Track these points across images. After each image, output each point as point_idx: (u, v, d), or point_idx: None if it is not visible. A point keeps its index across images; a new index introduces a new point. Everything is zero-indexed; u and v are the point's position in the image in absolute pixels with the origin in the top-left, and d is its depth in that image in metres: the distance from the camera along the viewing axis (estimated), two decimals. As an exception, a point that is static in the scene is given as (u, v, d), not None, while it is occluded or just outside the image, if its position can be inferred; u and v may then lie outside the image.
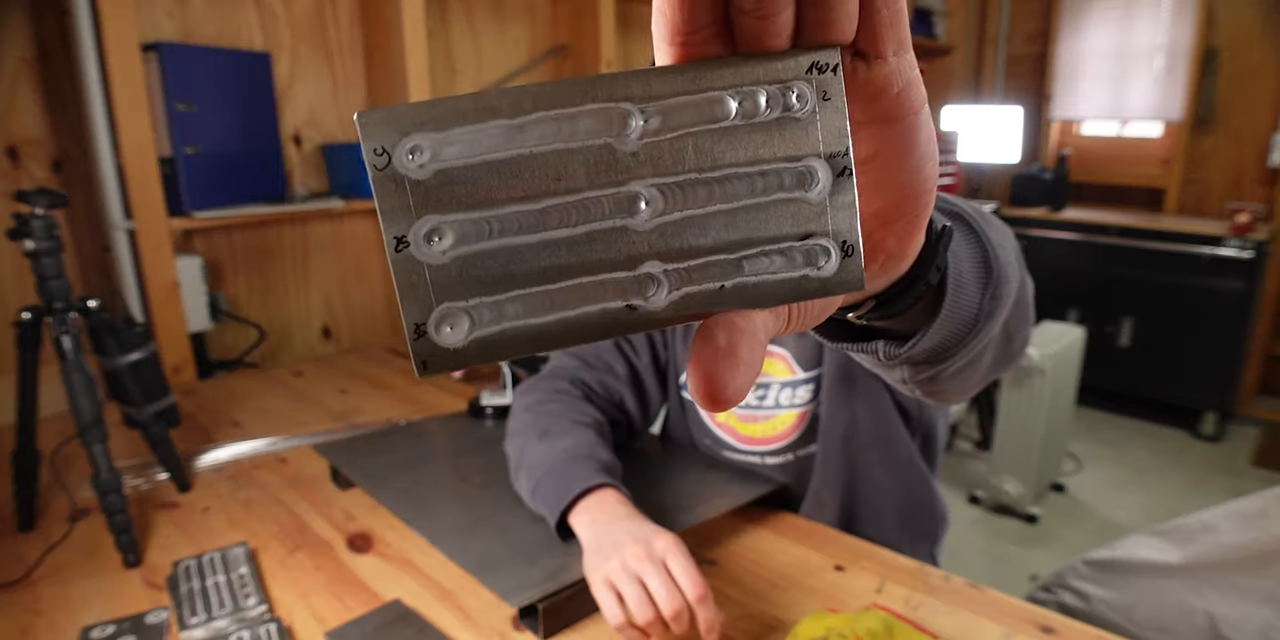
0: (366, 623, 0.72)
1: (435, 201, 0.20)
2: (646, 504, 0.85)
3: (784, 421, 0.91)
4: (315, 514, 0.94)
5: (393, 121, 0.19)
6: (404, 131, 0.19)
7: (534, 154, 0.20)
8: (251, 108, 1.49)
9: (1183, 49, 3.18)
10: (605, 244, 0.20)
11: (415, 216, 0.20)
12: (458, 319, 0.20)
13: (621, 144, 0.20)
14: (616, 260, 0.21)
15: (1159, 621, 1.23)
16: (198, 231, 1.53)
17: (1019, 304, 0.50)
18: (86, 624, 0.72)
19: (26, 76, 1.31)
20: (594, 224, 0.20)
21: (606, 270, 0.21)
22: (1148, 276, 2.99)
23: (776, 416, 0.91)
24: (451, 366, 0.20)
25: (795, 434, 0.91)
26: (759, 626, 0.72)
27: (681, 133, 0.21)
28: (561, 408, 0.91)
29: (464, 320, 0.20)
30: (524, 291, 0.20)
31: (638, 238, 0.21)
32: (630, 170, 0.20)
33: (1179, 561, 1.25)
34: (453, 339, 0.20)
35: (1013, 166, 3.55)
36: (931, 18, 3.49)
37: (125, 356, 0.93)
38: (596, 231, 0.20)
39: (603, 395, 0.97)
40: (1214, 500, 1.40)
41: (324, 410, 1.29)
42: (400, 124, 0.19)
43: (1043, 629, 0.71)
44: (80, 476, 0.98)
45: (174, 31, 1.45)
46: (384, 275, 1.87)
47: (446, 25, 1.88)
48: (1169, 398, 3.02)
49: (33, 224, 0.83)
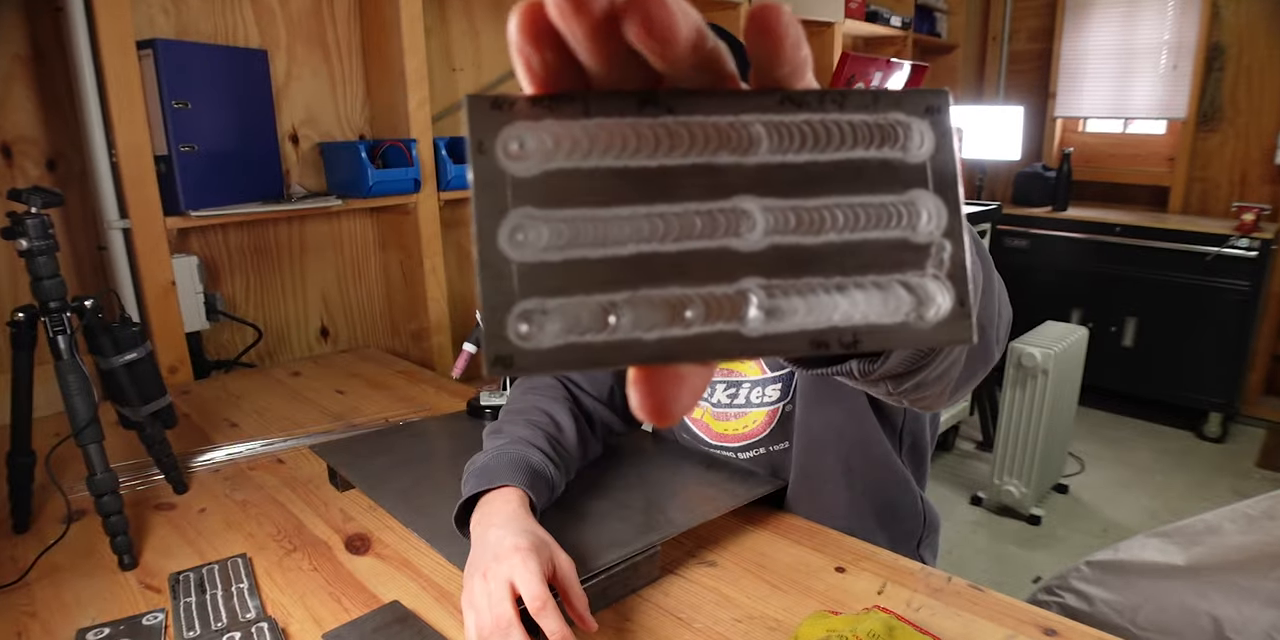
0: (364, 624, 0.71)
1: (535, 198, 0.19)
2: (646, 504, 0.84)
3: (754, 419, 0.93)
4: (313, 515, 0.93)
5: (502, 117, 0.19)
6: (507, 123, 0.19)
7: (646, 167, 0.20)
8: (248, 106, 1.49)
9: (1187, 46, 3.16)
10: (707, 262, 0.20)
11: (510, 208, 0.19)
12: (539, 319, 0.19)
13: (738, 163, 0.20)
14: (718, 280, 0.20)
15: (1162, 624, 1.22)
16: (194, 230, 1.53)
17: (985, 297, 0.50)
18: (82, 626, 0.71)
19: (20, 74, 1.30)
20: (697, 241, 0.20)
21: (706, 286, 0.20)
22: (1152, 276, 2.98)
23: (747, 414, 0.93)
24: (524, 368, 0.19)
25: (765, 431, 0.92)
26: (760, 629, 0.71)
27: (799, 160, 0.20)
28: (531, 401, 0.92)
29: (548, 321, 0.19)
30: (612, 297, 0.19)
31: (742, 259, 0.20)
32: (742, 188, 0.20)
33: (1183, 563, 1.24)
34: (532, 340, 0.19)
35: (1015, 165, 3.54)
36: (934, 15, 3.48)
37: (121, 356, 0.93)
38: (698, 248, 0.20)
39: (588, 388, 0.97)
40: (1219, 501, 1.39)
41: (321, 410, 1.29)
42: (508, 118, 0.19)
43: (1045, 631, 0.70)
44: (76, 477, 0.97)
45: (169, 28, 1.44)
46: (382, 275, 1.86)
47: (445, 23, 1.87)
48: (1173, 398, 3.01)
49: (27, 223, 0.82)
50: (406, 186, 1.66)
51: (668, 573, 0.79)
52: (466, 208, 1.24)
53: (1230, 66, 3.09)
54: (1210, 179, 3.22)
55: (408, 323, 1.85)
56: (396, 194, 1.65)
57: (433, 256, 1.76)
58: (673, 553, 0.82)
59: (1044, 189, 3.32)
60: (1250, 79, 3.06)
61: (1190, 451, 2.87)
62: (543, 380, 0.97)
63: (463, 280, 2.01)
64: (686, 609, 0.73)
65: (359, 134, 1.75)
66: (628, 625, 0.71)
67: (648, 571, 0.77)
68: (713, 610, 0.73)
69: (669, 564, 0.80)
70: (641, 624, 0.71)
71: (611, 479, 0.92)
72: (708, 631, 0.70)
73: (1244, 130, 3.10)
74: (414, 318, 1.83)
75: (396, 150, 1.63)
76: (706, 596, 0.75)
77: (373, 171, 1.58)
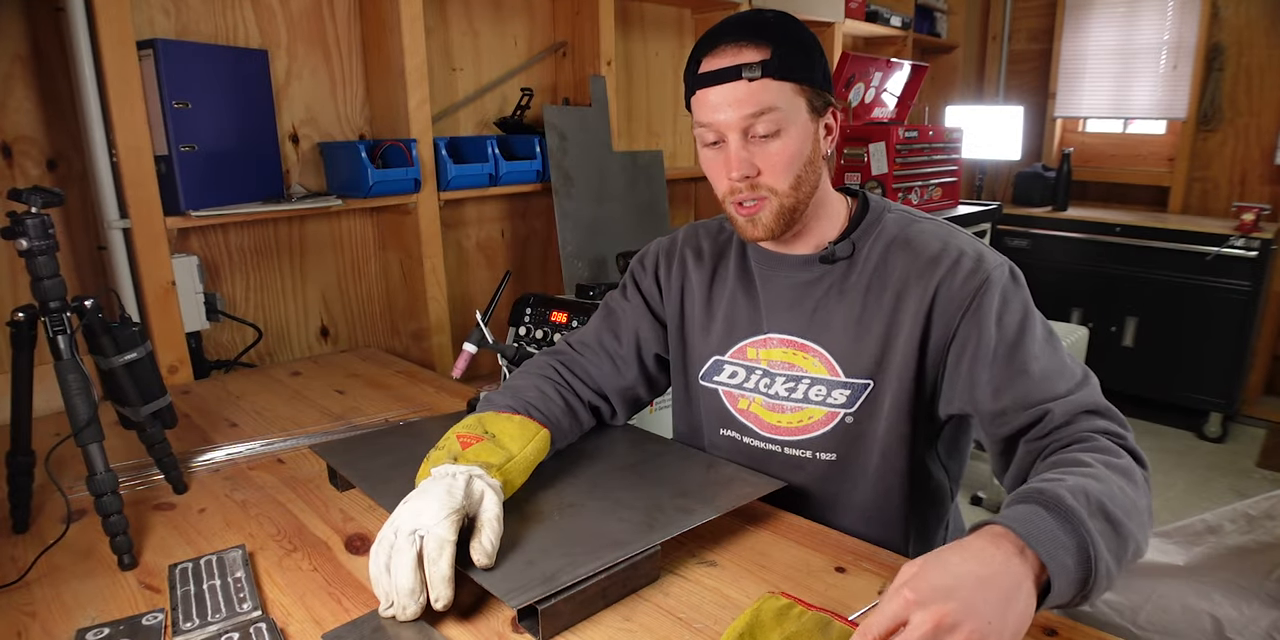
0: (364, 624, 0.71)
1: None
2: (647, 504, 0.84)
3: (810, 416, 0.93)
4: (312, 515, 0.93)
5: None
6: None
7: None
8: (248, 106, 1.49)
9: (1187, 46, 3.16)
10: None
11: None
12: None
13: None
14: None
15: (1163, 623, 1.22)
16: (194, 230, 1.53)
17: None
18: (82, 626, 0.71)
19: (21, 74, 1.30)
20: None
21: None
22: (1152, 276, 2.98)
23: (804, 409, 0.93)
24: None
25: (818, 431, 0.92)
26: (759, 630, 0.71)
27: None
28: (520, 381, 1.01)
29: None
30: None
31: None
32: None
33: (1183, 563, 1.24)
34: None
35: (1015, 165, 3.54)
36: (934, 15, 3.48)
37: (121, 356, 0.92)
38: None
39: (586, 379, 1.04)
40: (1219, 501, 1.39)
41: (321, 410, 1.28)
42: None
43: (1046, 631, 0.70)
44: (76, 477, 0.97)
45: (170, 28, 1.44)
46: (382, 275, 1.86)
47: (445, 23, 1.88)
48: (1173, 398, 3.01)
49: (27, 223, 0.82)
50: (406, 186, 1.66)
51: (668, 573, 0.79)
52: (466, 208, 1.26)
53: (1230, 66, 3.09)
54: (1210, 179, 3.22)
55: (408, 323, 1.85)
56: (396, 194, 1.65)
57: (433, 256, 1.76)
58: (673, 553, 0.82)
59: (1044, 189, 3.32)
60: (1250, 79, 3.06)
61: (1191, 452, 2.87)
62: (548, 359, 1.05)
63: (463, 280, 2.01)
64: (686, 609, 0.73)
65: (359, 134, 1.75)
66: (628, 625, 0.71)
67: (648, 571, 0.77)
68: (713, 610, 0.73)
69: (669, 564, 0.80)
70: (641, 624, 0.71)
71: (611, 479, 0.92)
72: (708, 631, 0.70)
73: (1244, 130, 3.10)
74: (414, 318, 1.83)
75: (396, 150, 1.63)
76: (706, 596, 0.75)
77: (373, 171, 1.58)
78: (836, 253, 0.90)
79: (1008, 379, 0.81)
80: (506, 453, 0.84)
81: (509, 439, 0.86)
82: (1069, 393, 0.79)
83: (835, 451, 0.92)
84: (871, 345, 0.88)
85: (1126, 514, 0.64)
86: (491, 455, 0.83)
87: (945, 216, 2.58)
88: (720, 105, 0.83)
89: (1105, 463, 0.70)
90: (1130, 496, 0.66)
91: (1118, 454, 0.72)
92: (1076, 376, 0.81)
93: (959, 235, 0.89)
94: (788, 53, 0.82)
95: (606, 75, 2.06)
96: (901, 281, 0.87)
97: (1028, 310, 0.84)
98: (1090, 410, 0.78)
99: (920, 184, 2.60)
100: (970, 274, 0.84)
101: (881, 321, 0.87)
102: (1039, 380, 0.80)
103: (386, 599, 0.69)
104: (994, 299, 0.83)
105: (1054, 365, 0.81)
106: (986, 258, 0.86)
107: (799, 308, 0.92)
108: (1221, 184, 3.20)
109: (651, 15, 2.38)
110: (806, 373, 0.92)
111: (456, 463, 0.80)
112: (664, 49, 2.44)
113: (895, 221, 0.91)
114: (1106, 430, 0.76)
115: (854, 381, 0.89)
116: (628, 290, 1.07)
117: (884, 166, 2.45)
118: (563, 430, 0.96)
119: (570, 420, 0.98)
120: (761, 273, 0.96)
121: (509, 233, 2.09)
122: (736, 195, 0.86)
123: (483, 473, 0.79)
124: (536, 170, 1.90)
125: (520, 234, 2.12)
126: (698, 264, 1.01)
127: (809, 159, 0.86)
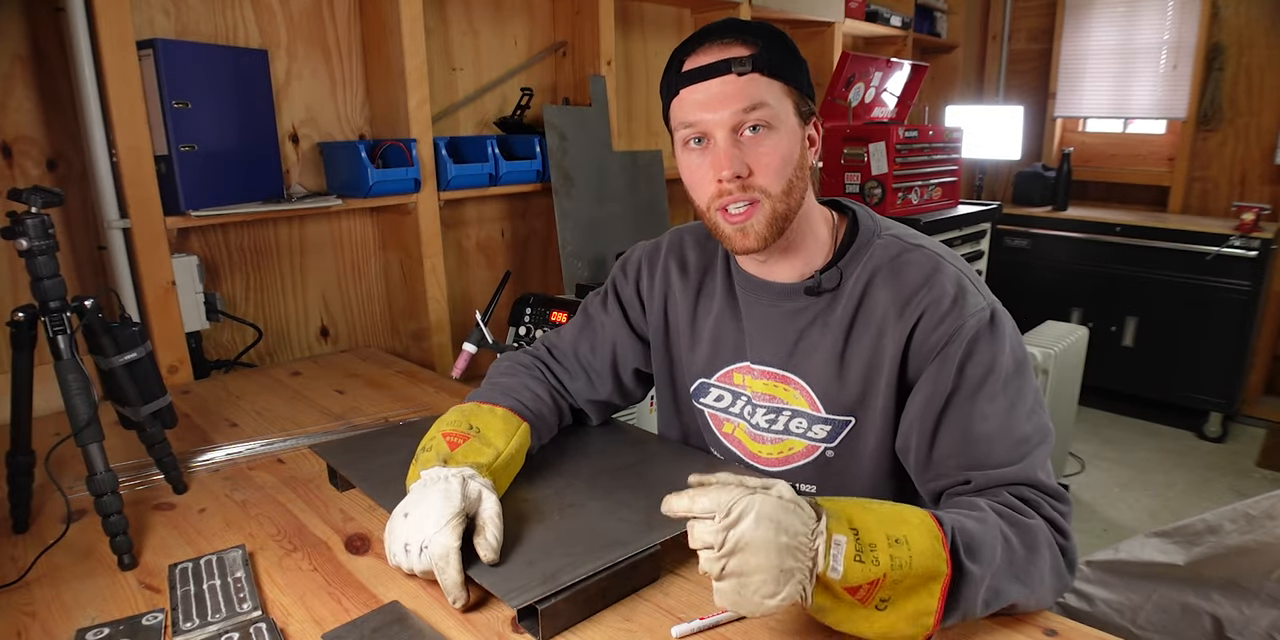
0: (364, 624, 0.71)
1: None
2: (647, 504, 0.84)
3: (790, 447, 0.91)
4: (313, 515, 0.93)
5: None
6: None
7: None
8: (248, 105, 1.49)
9: (1187, 46, 3.16)
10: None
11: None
12: None
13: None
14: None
15: (1163, 624, 1.21)
16: (194, 230, 1.53)
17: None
18: (81, 626, 0.71)
19: (21, 74, 1.30)
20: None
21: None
22: (1152, 275, 2.98)
23: (784, 441, 0.92)
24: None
25: (798, 463, 0.91)
26: (761, 629, 0.71)
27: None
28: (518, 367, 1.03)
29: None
30: None
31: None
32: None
33: (1183, 563, 1.24)
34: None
35: (1016, 165, 3.54)
36: (934, 15, 3.48)
37: (121, 356, 0.92)
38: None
39: (565, 381, 1.04)
40: (1219, 501, 1.39)
41: (321, 410, 1.28)
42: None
43: (1046, 631, 0.70)
44: (76, 477, 0.97)
45: (170, 28, 1.44)
46: (382, 275, 1.86)
47: (445, 23, 1.87)
48: (1173, 398, 3.01)
49: (27, 223, 0.82)
50: (406, 186, 1.66)
51: (668, 573, 0.79)
52: (466, 207, 1.26)
53: (1230, 66, 3.09)
54: (1210, 179, 3.22)
55: (408, 323, 1.85)
56: (396, 194, 1.65)
57: (433, 256, 1.76)
58: (673, 553, 0.82)
59: (1044, 189, 3.32)
60: (1250, 79, 3.06)
61: (1190, 451, 2.87)
62: (520, 363, 1.05)
63: (463, 280, 2.01)
64: (687, 609, 0.73)
65: (359, 134, 1.75)
66: (628, 625, 0.71)
67: (648, 571, 0.77)
68: (713, 610, 0.73)
69: (669, 564, 0.80)
70: (642, 624, 0.71)
71: (611, 479, 0.92)
72: (708, 631, 0.70)
73: (1244, 130, 3.10)
74: (414, 318, 1.83)
75: (396, 150, 1.63)
76: (707, 596, 0.75)
77: (373, 171, 1.58)
78: (823, 283, 0.86)
79: (948, 434, 0.79)
80: (494, 449, 0.85)
81: (494, 433, 0.87)
82: (1002, 464, 0.76)
83: (815, 483, 0.91)
84: (853, 383, 0.85)
85: (991, 555, 0.67)
86: (480, 454, 0.83)
87: (945, 216, 2.59)
88: (708, 101, 0.78)
89: (1000, 513, 0.71)
90: (1013, 545, 0.69)
91: (1026, 514, 0.72)
92: (1024, 445, 0.77)
93: (947, 268, 0.83)
94: (775, 51, 0.79)
95: (606, 75, 2.06)
96: (882, 319, 0.83)
97: (994, 364, 0.78)
98: (1018, 483, 0.76)
99: (920, 184, 2.60)
100: (944, 317, 0.79)
101: (862, 359, 0.84)
102: (977, 442, 0.77)
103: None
104: (959, 349, 0.78)
105: (1001, 429, 0.77)
106: (968, 302, 0.80)
107: (782, 339, 0.89)
108: (1221, 184, 3.20)
109: (651, 15, 2.38)
110: (788, 405, 0.90)
111: (446, 465, 0.80)
112: (664, 49, 2.44)
113: (884, 248, 0.86)
114: (1025, 498, 0.75)
115: (835, 418, 0.88)
116: (607, 300, 1.04)
117: (884, 166, 2.45)
118: (547, 425, 0.98)
119: (554, 416, 1.00)
120: (745, 298, 0.92)
121: (509, 232, 2.09)
122: (725, 199, 0.80)
123: (474, 473, 0.79)
124: (536, 170, 1.90)
125: (520, 234, 2.12)
126: (682, 276, 0.98)
127: (799, 164, 0.82)
